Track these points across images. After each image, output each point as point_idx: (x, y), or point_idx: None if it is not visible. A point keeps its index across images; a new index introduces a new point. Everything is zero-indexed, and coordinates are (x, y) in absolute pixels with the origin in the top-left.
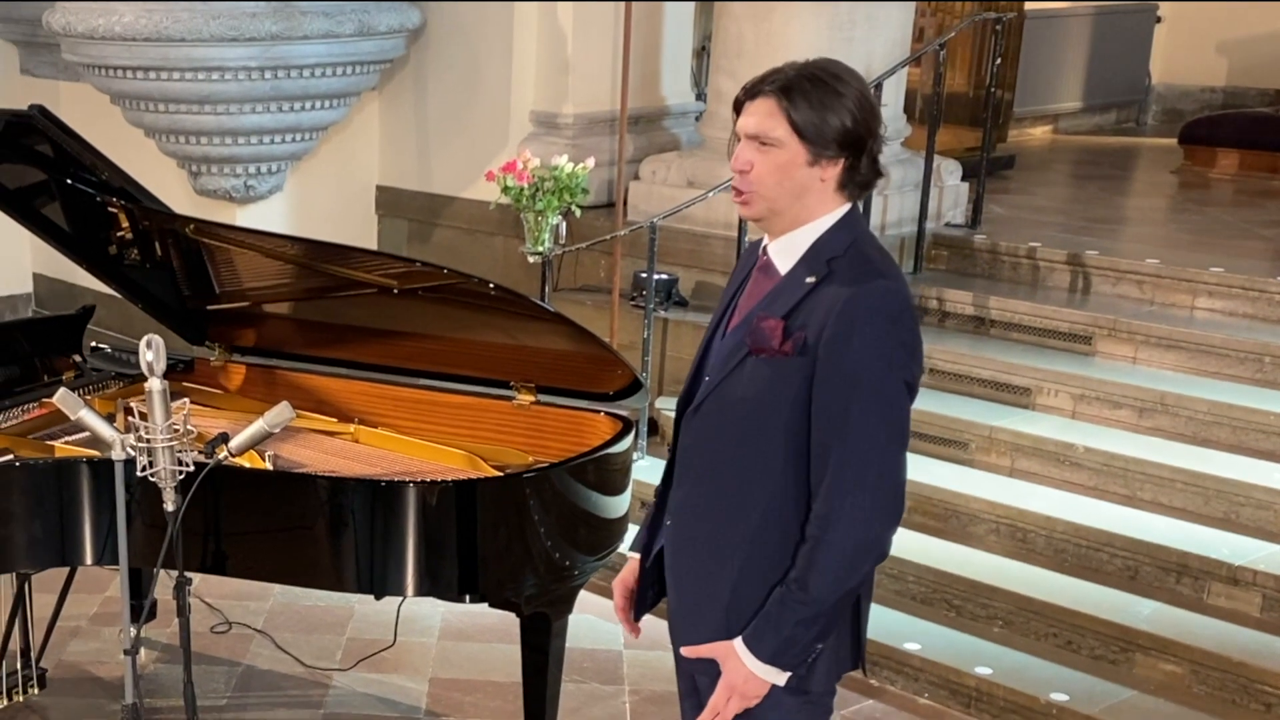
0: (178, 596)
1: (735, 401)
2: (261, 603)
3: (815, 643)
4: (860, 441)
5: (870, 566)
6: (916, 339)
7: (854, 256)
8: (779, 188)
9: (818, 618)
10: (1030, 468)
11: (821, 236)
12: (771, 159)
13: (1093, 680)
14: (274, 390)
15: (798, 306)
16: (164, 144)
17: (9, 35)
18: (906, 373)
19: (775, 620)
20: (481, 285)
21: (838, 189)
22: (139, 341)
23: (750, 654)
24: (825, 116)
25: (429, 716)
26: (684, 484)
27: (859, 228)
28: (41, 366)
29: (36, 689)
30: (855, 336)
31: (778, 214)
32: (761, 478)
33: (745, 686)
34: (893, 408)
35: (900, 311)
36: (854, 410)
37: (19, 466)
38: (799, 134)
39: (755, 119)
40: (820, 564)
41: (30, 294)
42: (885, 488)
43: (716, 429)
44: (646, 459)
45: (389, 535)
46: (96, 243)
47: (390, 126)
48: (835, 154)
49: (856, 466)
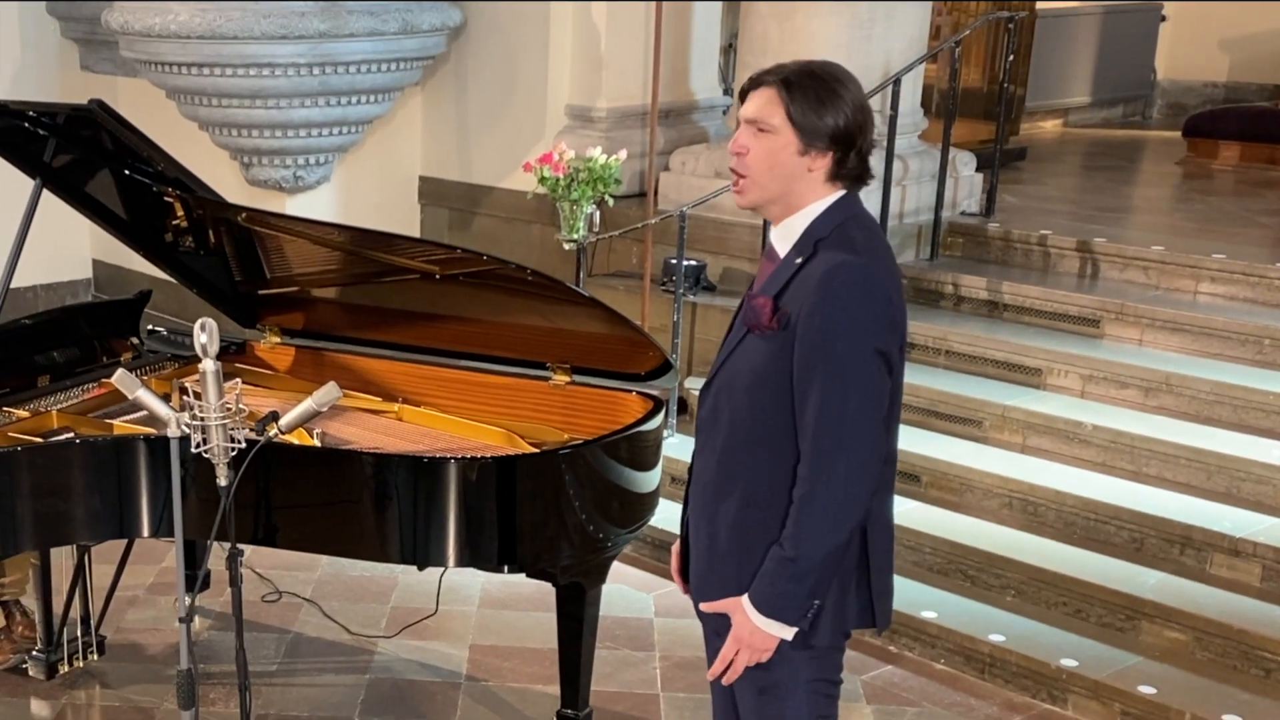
0: (230, 567)
1: (738, 375)
2: (310, 573)
3: (811, 598)
4: (831, 407)
5: (851, 524)
6: (892, 310)
7: (837, 237)
8: (769, 173)
9: (808, 574)
10: (1041, 445)
11: (813, 221)
12: (765, 144)
13: (1100, 647)
14: (322, 371)
15: (786, 285)
16: (217, 137)
17: (70, 33)
18: (878, 341)
19: (771, 577)
20: (519, 271)
21: (827, 179)
22: (193, 324)
23: (754, 609)
24: (820, 111)
25: (469, 682)
26: (699, 454)
27: (850, 212)
28: (100, 348)
29: (96, 655)
30: (824, 308)
31: (770, 201)
32: (760, 446)
33: (751, 640)
34: (862, 375)
35: (870, 284)
36: (824, 378)
37: (79, 444)
38: (792, 123)
39: (755, 105)
40: (804, 524)
41: (90, 279)
42: (862, 450)
43: (722, 401)
44: (676, 436)
45: (431, 509)
46: (153, 230)
47: (432, 120)
48: (825, 147)
49: (830, 432)
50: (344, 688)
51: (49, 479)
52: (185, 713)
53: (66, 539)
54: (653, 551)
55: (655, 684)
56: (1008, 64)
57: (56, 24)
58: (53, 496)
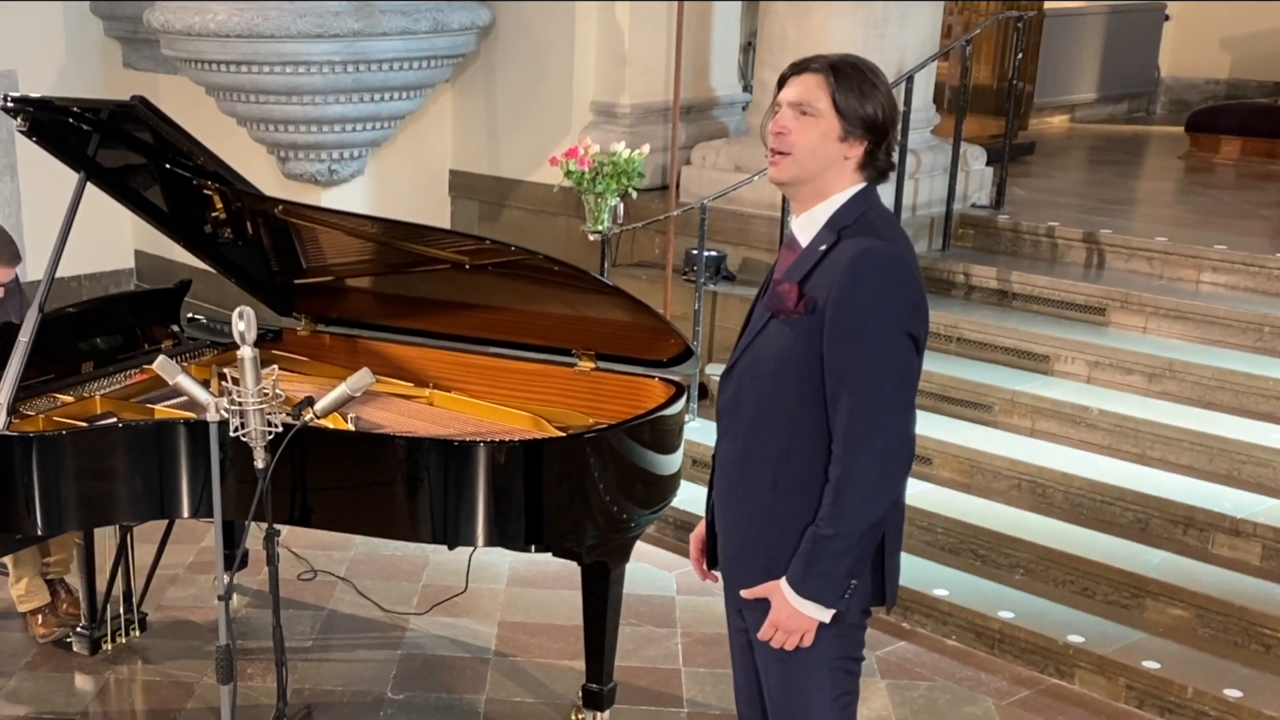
0: (267, 546)
1: (761, 360)
2: (344, 552)
3: (849, 577)
4: (867, 387)
5: (888, 501)
6: (919, 297)
7: (862, 225)
8: (810, 155)
9: (846, 552)
10: (1049, 428)
11: (836, 211)
12: (809, 126)
13: (1106, 624)
14: (355, 358)
15: (811, 271)
16: (254, 132)
17: (113, 32)
18: (908, 325)
19: (809, 558)
20: (546, 261)
21: (857, 168)
22: (232, 313)
23: (793, 592)
24: (862, 100)
25: (498, 657)
26: (723, 436)
27: (871, 202)
28: (142, 336)
29: (138, 631)
30: (857, 292)
31: (803, 181)
32: (785, 428)
33: (789, 623)
34: (895, 356)
35: (899, 270)
36: (859, 360)
37: (122, 428)
38: (837, 109)
39: (800, 89)
40: (842, 502)
41: (132, 269)
42: (894, 429)
43: (747, 385)
44: (697, 421)
45: (461, 490)
46: (193, 222)
47: (462, 115)
48: (861, 135)
49: (866, 411)
50: (377, 663)
51: (93, 462)
52: (224, 687)
53: (109, 519)
54: (675, 532)
55: (677, 659)
56: (1017, 61)
57: (100, 23)
58: (96, 478)
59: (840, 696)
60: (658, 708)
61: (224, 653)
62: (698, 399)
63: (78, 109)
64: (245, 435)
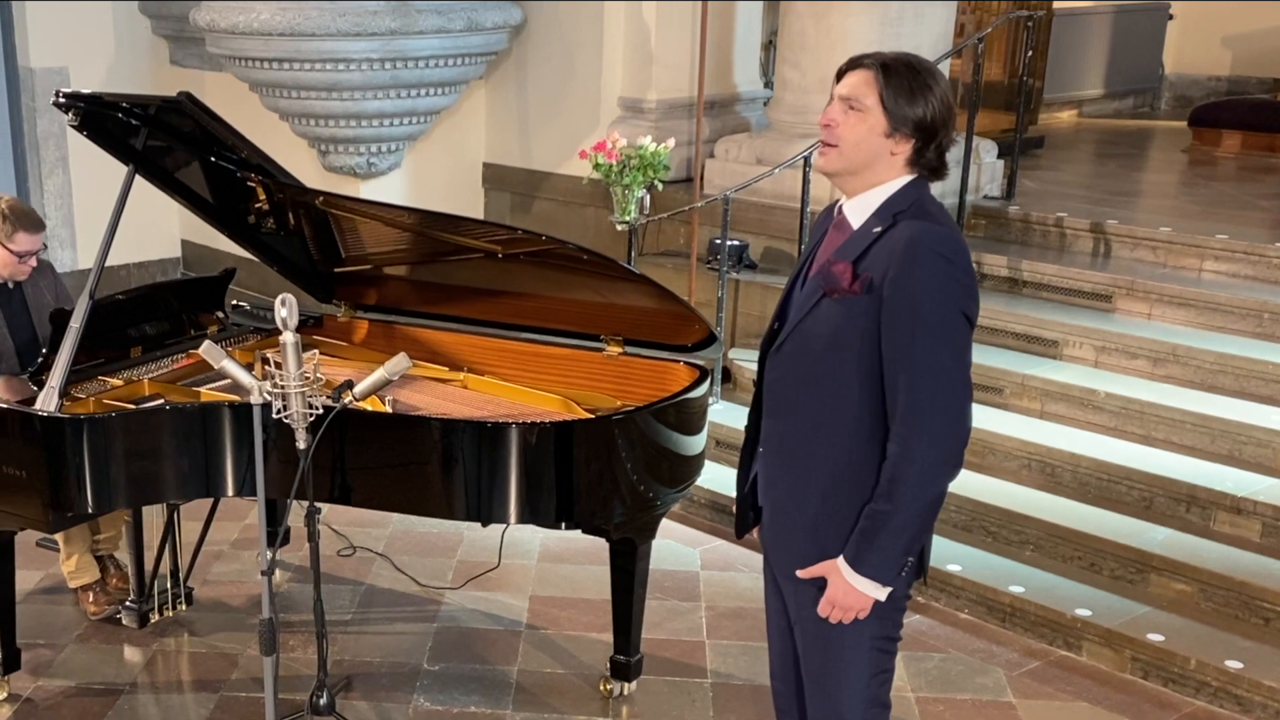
0: (308, 524)
1: (812, 339)
2: (382, 529)
3: (906, 555)
4: (928, 366)
5: (947, 479)
6: (971, 279)
7: (916, 210)
8: (855, 148)
9: (904, 529)
10: (1058, 411)
11: (890, 196)
12: (855, 120)
13: (1113, 598)
14: (393, 343)
15: (866, 252)
16: (296, 126)
17: (160, 31)
18: (964, 305)
19: (869, 535)
20: (575, 250)
21: (905, 165)
22: (274, 300)
23: (851, 570)
24: (911, 100)
25: (529, 630)
26: (773, 415)
27: (923, 191)
28: (189, 322)
29: (185, 605)
30: (916, 274)
31: (850, 173)
32: (839, 406)
33: (845, 600)
34: (954, 335)
35: (955, 253)
36: (920, 339)
37: (169, 410)
38: (883, 106)
39: (851, 84)
40: (901, 479)
41: (179, 258)
42: (954, 406)
43: (797, 364)
44: (721, 403)
45: (494, 470)
46: (237, 213)
47: (495, 110)
48: (909, 134)
49: (927, 388)
50: (414, 635)
51: (141, 442)
52: (267, 659)
53: (157, 498)
54: (700, 509)
55: (701, 632)
56: (1027, 59)
57: (148, 22)
58: (144, 458)
59: (877, 674)
60: (683, 678)
61: (267, 625)
62: (721, 382)
63: (126, 104)
64: (287, 417)
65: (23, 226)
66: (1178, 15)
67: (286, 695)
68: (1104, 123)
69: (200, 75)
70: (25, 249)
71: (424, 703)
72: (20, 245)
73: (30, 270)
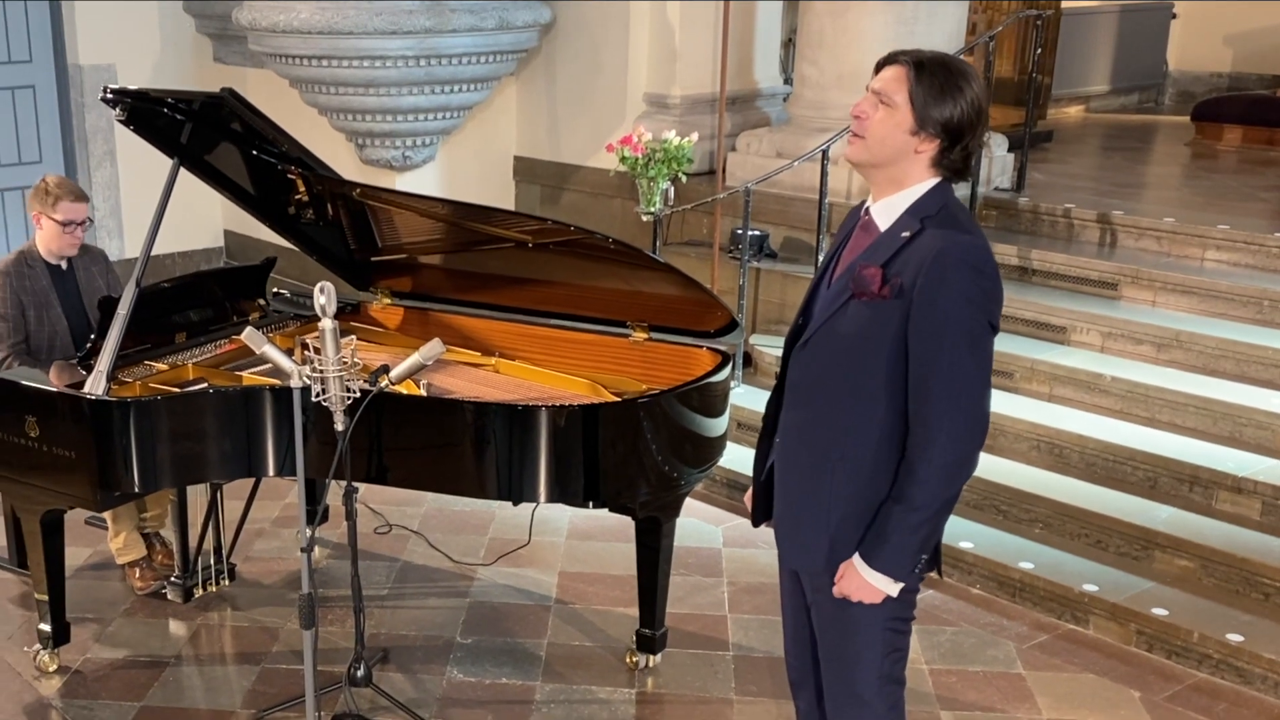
0: (346, 503)
1: (838, 338)
2: (417, 508)
3: (919, 553)
4: (952, 372)
5: (963, 480)
6: (997, 287)
7: (944, 217)
8: (881, 143)
9: (920, 526)
10: (1066, 394)
11: (917, 200)
12: (884, 115)
13: (1118, 574)
14: (427, 329)
15: (894, 257)
16: (334, 121)
17: (204, 29)
18: (989, 314)
19: (884, 531)
20: (602, 240)
21: (930, 164)
22: (313, 288)
23: (864, 564)
24: (939, 100)
25: (558, 604)
26: (792, 409)
27: (949, 196)
28: (231, 309)
29: (227, 581)
30: (946, 283)
31: (875, 166)
32: (861, 405)
33: (857, 593)
34: (979, 343)
35: (983, 263)
36: (946, 346)
37: (213, 393)
38: (911, 103)
39: (883, 79)
40: (919, 479)
41: (222, 248)
42: (974, 411)
43: (822, 362)
44: (742, 387)
45: (525, 451)
46: (277, 204)
47: (525, 106)
48: (934, 133)
49: (950, 394)
50: (447, 610)
51: (186, 424)
52: (306, 632)
53: (201, 478)
54: (722, 489)
55: (723, 606)
56: (1036, 56)
57: (192, 21)
58: (189, 440)
59: (890, 653)
60: (706, 651)
61: (306, 600)
62: (742, 366)
63: (171, 100)
64: (326, 400)
65: (64, 195)
66: (1181, 14)
67: (325, 667)
68: (1110, 117)
69: (242, 72)
70: (68, 217)
71: (457, 674)
72: (63, 214)
73: (78, 243)
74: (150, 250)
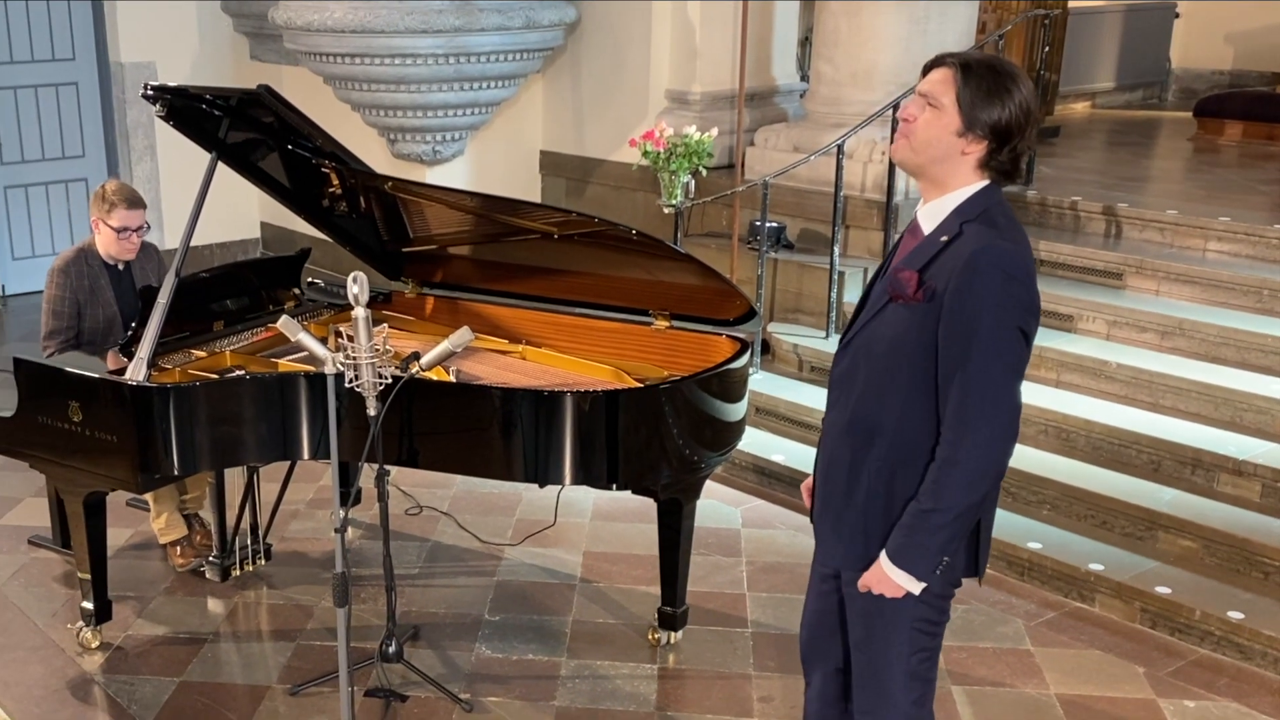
0: (378, 485)
1: (876, 340)
2: (446, 490)
3: (942, 553)
4: (980, 377)
5: (989, 484)
6: (1030, 292)
7: (984, 221)
8: (926, 145)
9: (943, 528)
10: (1072, 380)
11: (962, 203)
12: (931, 117)
13: (1123, 553)
14: (456, 317)
15: (932, 261)
16: (367, 117)
17: (241, 28)
18: (1021, 320)
19: (908, 530)
20: (626, 231)
21: (978, 166)
22: (347, 277)
23: (888, 560)
24: (987, 102)
25: (583, 583)
26: (833, 408)
27: (994, 199)
28: (267, 298)
29: (264, 560)
30: (975, 288)
31: (920, 168)
32: (895, 406)
33: (878, 587)
34: (1008, 349)
35: (1014, 268)
36: (974, 350)
37: (249, 380)
38: (959, 105)
39: (931, 81)
40: (945, 481)
41: (258, 239)
42: (1002, 416)
43: (861, 362)
44: (760, 374)
45: (550, 435)
46: (312, 197)
47: (551, 102)
48: (982, 135)
49: (977, 398)
50: (476, 588)
51: (224, 409)
52: (340, 610)
53: (238, 461)
54: (741, 472)
55: (742, 585)
56: (1044, 54)
57: (229, 20)
58: (227, 424)
59: (917, 652)
60: (725, 628)
61: (340, 579)
62: (760, 354)
63: (209, 96)
64: (359, 386)
65: (120, 203)
66: (1184, 13)
67: (358, 644)
68: (1115, 113)
69: (278, 69)
70: (123, 224)
71: (485, 651)
72: (118, 220)
73: (135, 249)
74: (189, 241)
